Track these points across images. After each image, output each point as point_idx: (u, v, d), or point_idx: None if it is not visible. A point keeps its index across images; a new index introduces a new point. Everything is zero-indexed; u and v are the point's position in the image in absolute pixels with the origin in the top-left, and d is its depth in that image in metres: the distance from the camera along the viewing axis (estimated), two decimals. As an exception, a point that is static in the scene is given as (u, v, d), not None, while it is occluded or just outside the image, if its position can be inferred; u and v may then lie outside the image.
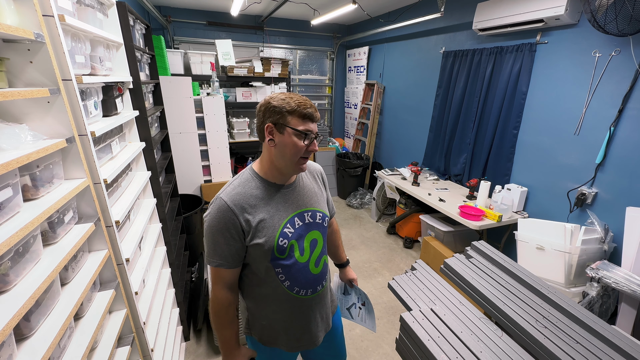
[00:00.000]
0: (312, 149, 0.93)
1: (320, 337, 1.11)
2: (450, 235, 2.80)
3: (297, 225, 0.97)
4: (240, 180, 0.96)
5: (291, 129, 0.89)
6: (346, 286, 1.40)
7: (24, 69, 0.81)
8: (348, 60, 5.06)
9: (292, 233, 0.96)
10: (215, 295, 0.97)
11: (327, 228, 1.09)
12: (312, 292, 1.03)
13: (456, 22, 3.10)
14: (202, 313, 2.12)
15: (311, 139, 0.92)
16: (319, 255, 1.04)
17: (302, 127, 0.89)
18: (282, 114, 0.88)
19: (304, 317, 1.04)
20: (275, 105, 0.89)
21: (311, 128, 0.91)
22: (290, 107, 0.88)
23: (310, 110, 0.90)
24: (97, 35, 1.17)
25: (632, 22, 1.67)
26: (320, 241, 1.04)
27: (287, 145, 0.90)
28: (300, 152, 0.91)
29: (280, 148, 0.91)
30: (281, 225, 0.94)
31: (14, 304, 0.67)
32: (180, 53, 3.32)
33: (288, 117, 0.89)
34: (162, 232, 1.75)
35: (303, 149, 0.91)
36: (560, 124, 2.31)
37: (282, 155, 0.92)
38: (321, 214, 1.05)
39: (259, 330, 1.07)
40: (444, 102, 3.35)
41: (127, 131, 1.51)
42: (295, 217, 0.98)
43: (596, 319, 1.33)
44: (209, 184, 3.34)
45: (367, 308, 1.37)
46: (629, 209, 1.82)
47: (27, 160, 0.72)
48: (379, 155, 4.73)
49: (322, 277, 1.06)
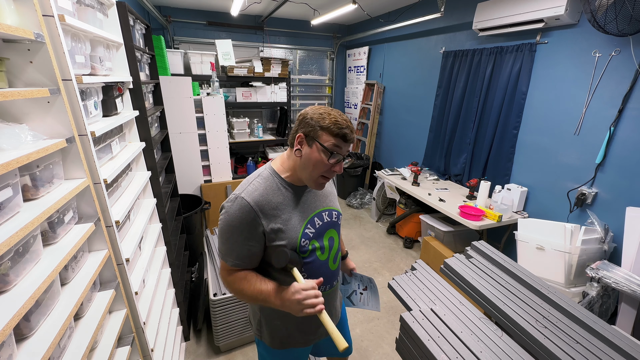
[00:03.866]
0: (336, 169, 0.90)
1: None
2: (450, 235, 2.80)
3: (317, 225, 0.99)
4: (261, 179, 0.94)
5: (320, 144, 0.87)
6: (345, 276, 1.40)
7: (24, 69, 0.81)
8: (348, 60, 5.06)
9: (313, 233, 0.97)
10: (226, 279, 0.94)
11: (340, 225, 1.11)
12: (329, 287, 1.06)
13: (456, 22, 3.10)
14: (202, 313, 2.12)
15: (338, 159, 0.89)
16: (336, 252, 1.07)
17: (331, 144, 0.87)
18: (315, 127, 0.88)
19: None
20: (311, 117, 0.88)
21: (340, 147, 0.89)
22: (325, 123, 0.87)
23: (345, 130, 0.87)
24: (97, 35, 1.17)
25: (632, 22, 1.67)
26: (337, 238, 1.07)
27: (311, 159, 0.89)
28: (323, 169, 0.89)
29: (305, 160, 0.90)
30: (303, 226, 0.95)
31: (14, 304, 0.67)
32: (180, 53, 3.32)
33: (319, 132, 0.87)
34: (162, 232, 1.75)
35: (327, 167, 0.89)
36: (560, 124, 2.31)
37: (305, 168, 0.91)
38: (336, 212, 1.07)
39: (270, 332, 1.06)
40: (444, 102, 3.35)
41: (127, 131, 1.51)
42: (315, 217, 0.99)
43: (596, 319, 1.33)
44: (209, 184, 3.34)
45: (371, 290, 1.36)
46: (629, 209, 1.82)
47: (27, 160, 0.72)
48: (379, 155, 4.73)
49: (338, 272, 1.11)
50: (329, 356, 1.35)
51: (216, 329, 1.91)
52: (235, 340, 1.99)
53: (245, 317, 1.96)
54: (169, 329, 1.64)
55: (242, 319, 1.95)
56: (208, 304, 2.00)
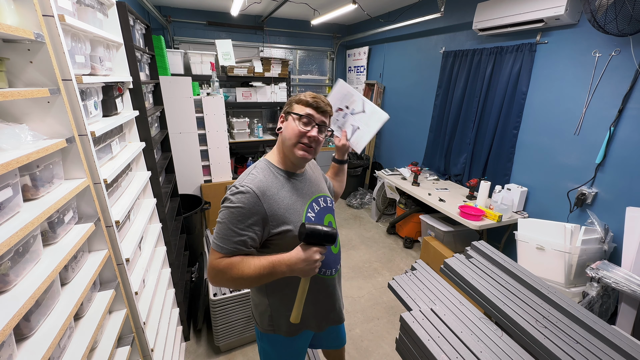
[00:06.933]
0: (310, 134, 0.96)
1: (343, 314, 1.20)
2: (450, 235, 2.80)
3: (316, 210, 1.03)
4: (259, 169, 0.98)
5: (294, 114, 0.97)
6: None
7: (24, 69, 0.81)
8: (348, 60, 5.06)
9: (315, 217, 1.01)
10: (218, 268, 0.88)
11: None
12: (334, 271, 1.10)
13: (456, 22, 3.10)
14: (202, 313, 2.12)
15: (312, 125, 0.96)
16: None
17: (304, 112, 0.96)
18: (291, 103, 1.00)
19: (330, 296, 1.11)
20: (291, 98, 1.01)
21: (313, 115, 0.96)
22: (298, 98, 0.99)
23: (317, 100, 0.97)
24: (97, 35, 1.17)
25: (632, 22, 1.67)
26: (334, 222, 1.12)
27: (288, 129, 0.97)
28: (298, 135, 0.95)
29: (284, 133, 0.98)
30: (304, 210, 0.99)
31: (14, 304, 0.67)
32: (180, 53, 3.32)
33: (294, 105, 0.99)
34: (162, 232, 1.75)
35: (301, 133, 0.95)
36: (560, 124, 2.31)
37: (285, 141, 0.98)
38: (329, 198, 1.13)
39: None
40: (444, 102, 3.35)
41: (127, 131, 1.51)
42: (313, 202, 1.03)
43: (596, 319, 1.33)
44: (209, 184, 3.34)
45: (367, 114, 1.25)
46: (629, 209, 1.82)
47: (27, 160, 0.72)
48: (379, 155, 4.73)
49: (339, 256, 1.14)
50: (327, 348, 1.39)
51: (216, 329, 1.91)
52: (235, 340, 1.99)
53: (246, 317, 1.96)
54: (169, 329, 1.64)
55: (242, 319, 1.95)
56: (208, 304, 2.00)
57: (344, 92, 1.28)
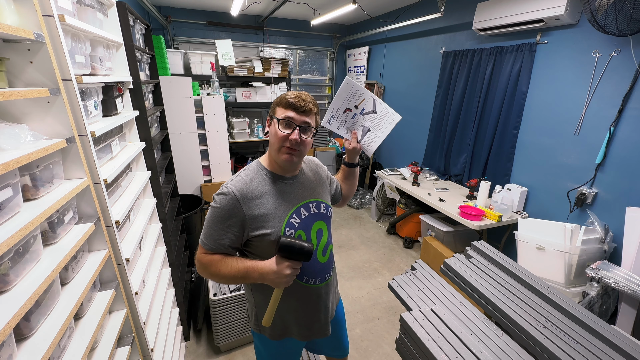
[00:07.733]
0: (292, 137, 0.92)
1: (330, 327, 1.13)
2: (450, 235, 2.80)
3: (303, 216, 1.00)
4: (247, 171, 0.98)
5: (276, 118, 0.94)
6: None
7: (24, 69, 0.81)
8: (348, 60, 5.06)
9: (299, 223, 0.98)
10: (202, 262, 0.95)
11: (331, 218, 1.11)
12: (320, 280, 1.05)
13: (456, 22, 3.10)
14: (202, 313, 2.12)
15: (292, 127, 0.92)
16: (325, 245, 1.06)
17: (284, 116, 0.92)
18: (274, 107, 0.96)
19: (313, 306, 1.06)
20: (275, 100, 0.97)
21: (293, 117, 0.92)
22: (279, 100, 0.95)
23: (297, 99, 0.92)
24: (97, 35, 1.17)
25: (632, 22, 1.67)
26: (326, 231, 1.07)
27: (272, 134, 0.95)
28: (281, 140, 0.92)
29: (270, 138, 0.97)
30: (287, 215, 0.97)
31: (14, 304, 0.67)
32: (180, 53, 3.32)
33: (276, 108, 0.95)
34: (162, 232, 1.75)
35: (282, 137, 0.92)
36: (560, 124, 2.31)
37: (271, 145, 0.97)
38: (324, 204, 1.07)
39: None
40: (444, 102, 3.35)
41: (127, 131, 1.51)
42: (301, 208, 1.00)
43: (596, 319, 1.33)
44: (209, 184, 3.34)
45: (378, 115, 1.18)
46: (629, 209, 1.82)
47: (27, 160, 0.72)
48: (379, 155, 4.73)
49: (329, 265, 1.09)
50: (327, 355, 1.36)
51: (216, 329, 1.91)
52: (235, 340, 1.99)
53: (246, 317, 1.95)
54: (169, 329, 1.64)
55: (242, 319, 1.95)
56: (208, 304, 2.00)
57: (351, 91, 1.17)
